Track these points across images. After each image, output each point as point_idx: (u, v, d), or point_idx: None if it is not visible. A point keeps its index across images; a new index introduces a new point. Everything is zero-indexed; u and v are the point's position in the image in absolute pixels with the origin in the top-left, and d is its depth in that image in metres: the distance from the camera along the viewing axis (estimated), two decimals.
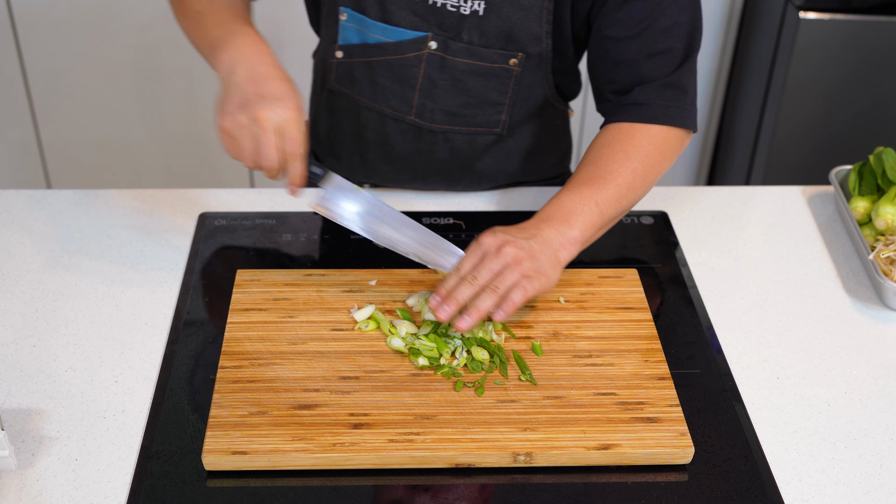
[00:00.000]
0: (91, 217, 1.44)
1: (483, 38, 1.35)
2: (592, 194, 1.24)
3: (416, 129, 1.47)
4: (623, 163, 1.27)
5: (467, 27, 1.34)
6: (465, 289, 1.15)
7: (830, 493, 1.08)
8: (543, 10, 1.32)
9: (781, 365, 1.24)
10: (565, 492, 1.05)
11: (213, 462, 1.05)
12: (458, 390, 1.12)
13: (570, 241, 1.21)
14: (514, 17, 1.33)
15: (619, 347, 1.20)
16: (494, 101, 1.42)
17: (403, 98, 1.43)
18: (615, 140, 1.30)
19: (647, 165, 1.28)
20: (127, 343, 1.23)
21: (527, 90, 1.42)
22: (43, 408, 1.14)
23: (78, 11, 2.54)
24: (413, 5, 1.34)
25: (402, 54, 1.39)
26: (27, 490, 1.04)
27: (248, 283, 1.28)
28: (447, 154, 1.49)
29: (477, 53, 1.36)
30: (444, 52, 1.37)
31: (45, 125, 2.73)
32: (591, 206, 1.23)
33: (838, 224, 1.49)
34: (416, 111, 1.44)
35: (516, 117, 1.46)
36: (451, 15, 1.34)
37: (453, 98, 1.42)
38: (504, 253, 1.15)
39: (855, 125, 2.51)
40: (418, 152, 1.49)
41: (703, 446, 1.11)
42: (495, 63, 1.37)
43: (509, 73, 1.38)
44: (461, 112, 1.43)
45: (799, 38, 2.36)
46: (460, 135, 1.46)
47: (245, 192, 1.52)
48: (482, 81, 1.40)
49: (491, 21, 1.33)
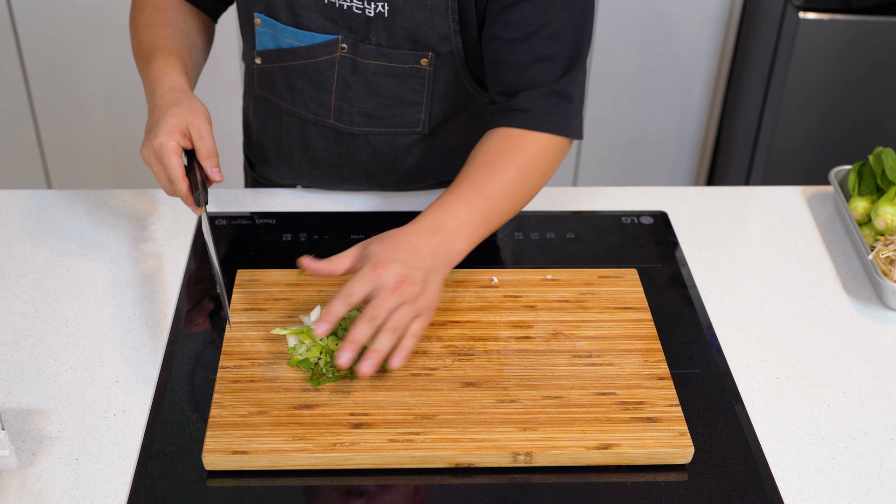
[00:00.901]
0: (91, 217, 1.44)
1: (391, 39, 1.34)
2: (483, 205, 1.21)
3: (336, 132, 1.46)
4: (513, 172, 1.24)
5: (374, 29, 1.33)
6: (364, 329, 1.10)
7: (830, 493, 1.08)
8: (448, 9, 1.30)
9: (781, 365, 1.24)
10: (565, 492, 1.06)
11: (213, 462, 1.05)
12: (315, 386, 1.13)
13: (456, 256, 1.19)
14: (419, 18, 1.31)
15: (619, 347, 1.20)
16: (411, 101, 1.41)
17: (321, 102, 1.43)
18: (501, 146, 1.26)
19: (535, 176, 1.26)
20: (127, 343, 1.23)
21: (444, 88, 1.41)
22: (43, 408, 1.14)
23: (78, 11, 2.54)
24: (322, 8, 1.34)
25: (315, 58, 1.38)
26: (28, 490, 1.04)
27: (248, 283, 1.28)
28: (369, 156, 1.48)
29: (387, 55, 1.35)
30: (354, 54, 1.36)
31: (45, 125, 2.73)
32: (479, 218, 1.21)
33: (838, 224, 1.50)
34: (335, 114, 1.43)
35: (437, 115, 1.44)
36: (358, 17, 1.33)
37: (369, 100, 1.41)
38: (401, 291, 1.11)
39: (854, 125, 2.51)
40: (340, 155, 1.49)
41: (702, 446, 1.11)
42: (406, 64, 1.36)
43: (422, 73, 1.37)
44: (378, 114, 1.42)
45: (799, 38, 2.37)
46: (381, 136, 1.45)
47: (245, 192, 1.52)
48: (396, 82, 1.39)
49: (396, 22, 1.32)
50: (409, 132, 1.45)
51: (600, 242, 1.43)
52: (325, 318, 1.11)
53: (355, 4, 1.32)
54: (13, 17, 2.54)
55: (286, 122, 1.50)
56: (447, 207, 1.20)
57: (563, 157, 1.32)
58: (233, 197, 1.50)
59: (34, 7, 2.53)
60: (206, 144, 1.22)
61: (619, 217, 1.48)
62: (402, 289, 1.12)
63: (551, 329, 1.22)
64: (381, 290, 1.11)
